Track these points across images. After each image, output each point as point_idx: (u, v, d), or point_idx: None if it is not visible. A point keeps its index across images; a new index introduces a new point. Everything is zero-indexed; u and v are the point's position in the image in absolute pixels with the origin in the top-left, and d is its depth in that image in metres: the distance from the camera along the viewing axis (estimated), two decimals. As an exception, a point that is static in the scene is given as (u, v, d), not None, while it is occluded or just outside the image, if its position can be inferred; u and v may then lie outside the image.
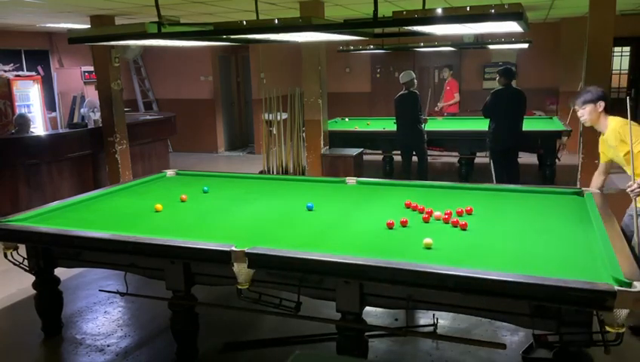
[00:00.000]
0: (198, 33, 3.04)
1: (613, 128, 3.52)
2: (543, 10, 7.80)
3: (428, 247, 2.86)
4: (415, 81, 7.28)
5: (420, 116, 7.19)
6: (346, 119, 9.60)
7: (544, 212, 3.47)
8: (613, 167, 3.77)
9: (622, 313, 2.17)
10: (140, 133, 8.09)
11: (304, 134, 6.95)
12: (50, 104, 9.78)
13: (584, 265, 2.56)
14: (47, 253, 3.63)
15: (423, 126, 7.33)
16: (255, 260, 2.78)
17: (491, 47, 8.39)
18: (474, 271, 2.41)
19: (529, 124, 7.91)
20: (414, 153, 7.40)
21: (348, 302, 2.82)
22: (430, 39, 7.92)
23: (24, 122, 6.97)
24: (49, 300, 3.78)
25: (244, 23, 2.84)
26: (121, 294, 3.55)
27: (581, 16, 8.44)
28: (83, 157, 7.19)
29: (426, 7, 2.49)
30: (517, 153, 6.83)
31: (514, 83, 6.76)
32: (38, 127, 8.74)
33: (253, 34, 3.03)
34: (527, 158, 7.90)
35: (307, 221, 3.54)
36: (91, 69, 8.21)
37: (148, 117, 8.94)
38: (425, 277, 2.43)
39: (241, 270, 2.80)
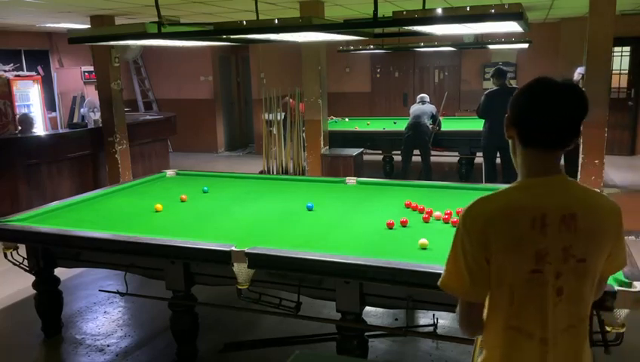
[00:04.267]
0: (198, 33, 3.04)
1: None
2: (543, 10, 7.80)
3: (423, 248, 2.86)
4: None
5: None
6: (346, 119, 9.59)
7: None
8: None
9: (622, 313, 2.17)
10: (140, 133, 8.08)
11: (304, 134, 6.95)
12: (50, 104, 9.78)
13: (584, 265, 2.55)
14: (47, 253, 3.63)
15: (433, 127, 7.38)
16: (255, 260, 2.78)
17: (491, 47, 8.39)
18: (474, 271, 2.41)
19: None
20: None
21: (348, 302, 2.82)
22: (430, 39, 7.91)
23: (27, 121, 6.97)
24: (49, 300, 3.78)
25: (244, 23, 2.84)
26: (121, 294, 3.55)
27: (581, 16, 8.44)
28: (83, 157, 7.18)
29: (426, 7, 2.49)
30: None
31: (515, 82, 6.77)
32: (38, 127, 8.73)
33: (253, 34, 3.03)
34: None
35: (307, 221, 3.54)
36: (91, 68, 8.21)
37: (148, 117, 8.93)
38: (425, 277, 2.43)
39: (241, 270, 2.80)
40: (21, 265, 3.61)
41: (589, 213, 1.40)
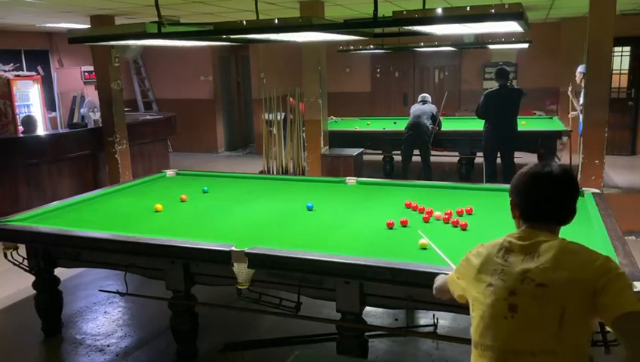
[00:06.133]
0: (198, 33, 3.03)
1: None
2: (543, 10, 7.79)
3: (423, 248, 2.86)
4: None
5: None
6: (358, 120, 9.56)
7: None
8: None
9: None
10: (140, 133, 8.08)
11: (304, 134, 6.95)
12: (50, 104, 9.77)
13: (584, 265, 2.55)
14: (47, 253, 3.63)
15: (433, 127, 7.37)
16: (255, 260, 2.78)
17: (491, 47, 8.38)
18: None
19: (529, 124, 7.92)
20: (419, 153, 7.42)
21: (348, 302, 2.82)
22: (430, 39, 7.91)
23: (31, 123, 6.97)
24: (49, 300, 3.78)
25: (244, 22, 2.84)
26: (121, 294, 3.55)
27: (581, 16, 8.43)
28: (83, 157, 7.18)
29: (426, 7, 2.49)
30: (512, 153, 6.86)
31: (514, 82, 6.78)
32: (39, 128, 8.72)
33: (253, 34, 3.03)
34: (527, 158, 7.90)
35: (307, 221, 3.54)
36: (91, 68, 8.20)
37: (148, 117, 8.93)
38: (425, 277, 2.42)
39: (241, 270, 2.80)
40: (21, 265, 3.62)
41: (558, 251, 1.55)
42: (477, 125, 7.26)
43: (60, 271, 3.80)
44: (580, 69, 7.06)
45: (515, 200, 1.74)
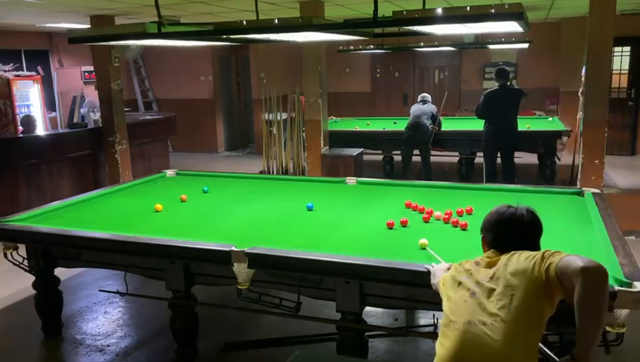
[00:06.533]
0: (198, 33, 3.04)
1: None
2: (543, 10, 7.79)
3: (423, 248, 2.86)
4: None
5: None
6: (358, 119, 9.55)
7: (544, 212, 3.44)
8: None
9: (622, 313, 2.17)
10: (140, 133, 8.08)
11: (304, 134, 6.95)
12: (50, 104, 9.77)
13: (584, 265, 2.55)
14: (47, 253, 3.63)
15: (433, 127, 7.36)
16: (255, 260, 2.78)
17: (491, 47, 8.38)
18: (474, 271, 2.41)
19: (529, 124, 7.92)
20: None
21: (348, 302, 2.82)
22: (430, 39, 7.91)
23: (30, 122, 6.97)
24: (49, 300, 3.78)
25: (244, 22, 2.84)
26: (121, 294, 3.55)
27: (581, 16, 8.43)
28: (83, 157, 7.18)
29: (426, 7, 2.49)
30: (512, 153, 6.85)
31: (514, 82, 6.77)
32: (39, 127, 8.72)
33: (253, 34, 3.03)
34: (527, 158, 7.91)
35: (307, 221, 3.54)
36: (91, 68, 8.21)
37: (148, 117, 8.93)
38: (425, 277, 2.43)
39: (241, 270, 2.80)
40: (21, 265, 3.62)
41: (509, 256, 1.96)
42: (477, 125, 7.26)
43: (60, 271, 3.80)
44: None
45: (485, 237, 2.14)
